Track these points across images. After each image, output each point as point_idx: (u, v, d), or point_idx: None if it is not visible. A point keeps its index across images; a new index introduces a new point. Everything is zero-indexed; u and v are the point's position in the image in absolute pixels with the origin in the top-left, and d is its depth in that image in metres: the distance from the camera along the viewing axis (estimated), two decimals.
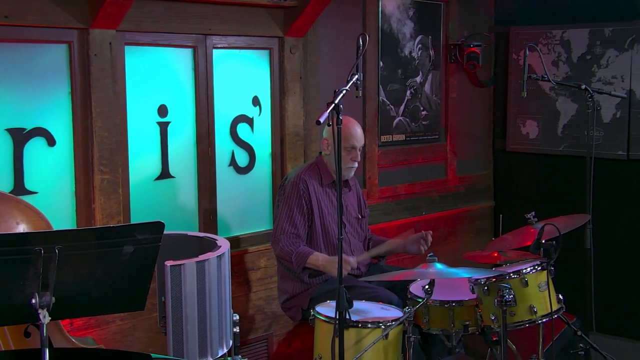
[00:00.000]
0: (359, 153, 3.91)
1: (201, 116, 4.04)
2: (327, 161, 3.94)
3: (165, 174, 3.94)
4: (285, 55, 4.35)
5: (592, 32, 5.16)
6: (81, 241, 2.22)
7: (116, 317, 3.67)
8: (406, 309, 3.25)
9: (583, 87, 4.06)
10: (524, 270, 3.34)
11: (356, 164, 3.92)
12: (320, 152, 4.03)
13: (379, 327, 3.15)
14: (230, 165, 4.25)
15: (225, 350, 3.25)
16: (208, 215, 4.11)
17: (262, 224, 4.40)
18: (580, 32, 5.22)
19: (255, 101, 4.33)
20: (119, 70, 3.66)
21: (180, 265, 3.02)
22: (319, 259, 3.71)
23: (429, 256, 3.28)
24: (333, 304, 3.04)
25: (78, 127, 3.55)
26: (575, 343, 3.72)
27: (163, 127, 3.91)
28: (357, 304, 3.28)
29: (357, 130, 3.91)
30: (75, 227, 3.50)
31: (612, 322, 4.89)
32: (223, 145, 4.19)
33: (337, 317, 2.95)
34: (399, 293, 3.69)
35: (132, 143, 3.77)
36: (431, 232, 3.92)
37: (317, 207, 3.85)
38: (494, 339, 3.45)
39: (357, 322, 3.15)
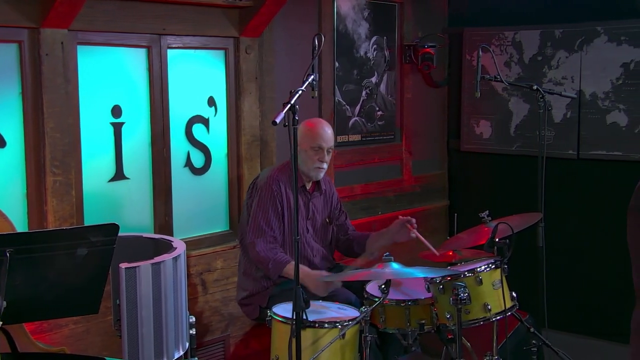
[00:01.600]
0: (326, 154, 3.86)
1: (156, 117, 4.01)
2: (299, 162, 3.91)
3: (119, 175, 3.89)
4: (241, 56, 4.34)
5: (543, 34, 5.26)
6: (33, 244, 2.19)
7: (69, 321, 3.62)
8: (363, 308, 3.26)
9: (535, 87, 4.12)
10: (479, 269, 3.39)
11: (324, 165, 3.88)
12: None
13: (336, 327, 3.16)
14: (185, 166, 4.22)
15: (181, 353, 3.23)
16: (163, 216, 4.07)
17: (219, 225, 4.38)
18: (532, 33, 5.31)
19: (211, 101, 4.31)
20: (71, 70, 3.60)
21: (135, 267, 2.99)
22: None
23: (385, 256, 3.30)
24: (290, 304, 3.04)
25: (29, 128, 3.48)
26: (528, 339, 3.78)
27: (117, 128, 3.87)
28: (314, 304, 3.28)
29: (327, 131, 3.88)
30: (27, 230, 3.44)
31: (563, 318, 4.98)
32: (178, 146, 4.16)
33: (294, 317, 2.95)
34: (357, 292, 3.70)
35: (85, 144, 3.71)
36: (414, 219, 3.90)
37: (287, 209, 3.81)
38: (449, 337, 3.49)
39: (314, 322, 3.16)
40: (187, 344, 3.29)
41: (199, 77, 4.24)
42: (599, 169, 5.07)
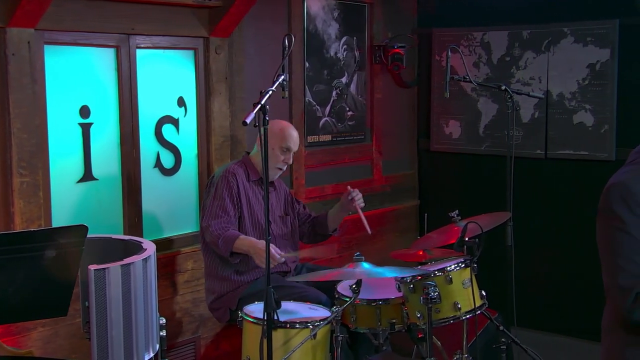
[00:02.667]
0: (291, 156, 3.95)
1: (125, 117, 3.98)
2: (256, 160, 3.94)
3: (88, 176, 3.85)
4: (211, 56, 4.32)
5: (511, 34, 5.31)
6: (0, 246, 2.16)
7: (38, 324, 3.58)
8: (334, 308, 3.27)
9: (503, 88, 4.16)
10: (448, 268, 3.41)
11: (285, 167, 3.97)
12: (247, 152, 4.03)
13: (307, 327, 3.16)
14: (155, 166, 4.19)
15: (151, 355, 3.20)
16: (133, 217, 4.04)
17: (189, 226, 4.36)
18: (500, 34, 5.36)
19: (181, 102, 4.29)
20: (38, 70, 3.56)
21: (104, 269, 2.96)
22: (244, 242, 3.68)
23: (356, 255, 3.31)
24: (261, 305, 3.03)
25: None
26: (498, 338, 3.81)
27: (85, 129, 3.83)
28: (285, 305, 3.28)
29: (295, 135, 3.99)
30: None
31: (532, 316, 5.03)
32: (148, 147, 4.13)
33: (265, 318, 2.95)
34: (327, 292, 3.71)
35: (52, 145, 3.67)
36: (358, 191, 3.99)
37: (245, 201, 3.87)
38: (420, 335, 3.50)
39: (285, 322, 3.16)
40: (158, 346, 3.26)
41: (168, 77, 4.21)
42: (566, 169, 5.13)
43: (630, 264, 2.14)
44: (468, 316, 3.43)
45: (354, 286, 3.28)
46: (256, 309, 3.30)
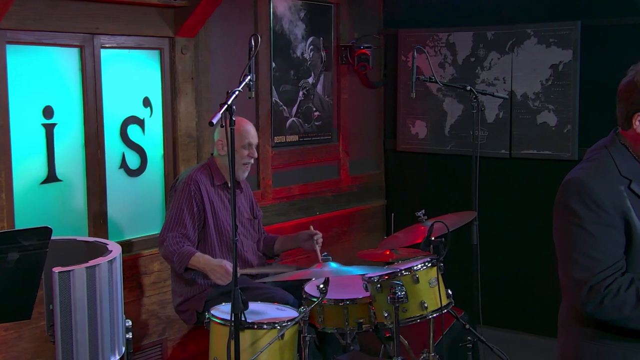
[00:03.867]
0: (254, 149, 3.94)
1: (89, 117, 3.94)
2: (221, 162, 3.92)
3: (52, 177, 3.81)
4: (177, 56, 4.30)
5: (476, 36, 5.36)
6: None
7: (0, 327, 3.52)
8: (301, 308, 3.27)
9: (468, 88, 4.20)
10: (415, 267, 3.43)
11: (252, 161, 3.94)
12: (212, 154, 4.01)
13: (275, 327, 3.16)
14: (120, 167, 4.16)
15: (117, 358, 3.17)
16: (98, 219, 4.00)
17: (155, 227, 4.32)
18: (465, 35, 5.41)
19: (146, 102, 4.25)
20: (0, 70, 3.50)
21: (69, 271, 2.93)
22: (200, 260, 3.67)
23: (323, 255, 3.32)
24: (228, 306, 3.02)
25: None
26: (464, 336, 3.85)
27: (49, 129, 3.78)
28: (253, 305, 3.28)
29: (252, 128, 3.97)
30: None
31: (497, 314, 5.08)
32: (113, 147, 4.10)
33: (233, 319, 2.94)
34: (294, 293, 3.71)
35: (15, 146, 3.62)
36: (321, 234, 4.00)
37: (209, 208, 3.83)
38: (387, 335, 3.52)
39: (253, 323, 3.15)
40: (124, 349, 3.24)
41: (133, 77, 4.18)
42: (530, 168, 5.19)
43: (585, 258, 2.19)
44: (435, 315, 3.45)
45: (321, 286, 3.29)
46: (223, 310, 3.29)
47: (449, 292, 3.55)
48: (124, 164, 4.17)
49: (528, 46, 5.14)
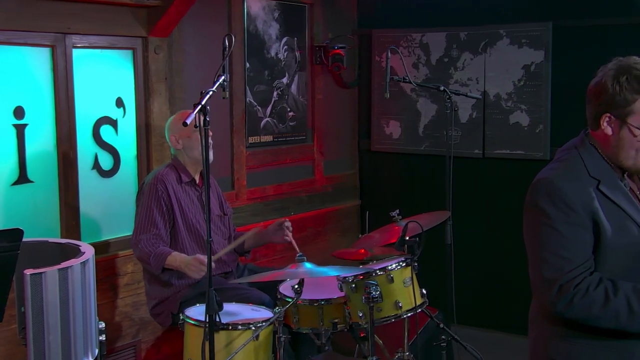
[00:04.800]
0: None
1: (61, 118, 3.90)
2: (182, 158, 3.89)
3: (23, 178, 3.76)
4: (150, 56, 4.27)
5: (449, 36, 5.39)
6: None
7: None
8: (276, 309, 3.27)
9: (442, 88, 4.22)
10: (390, 267, 3.44)
11: (211, 141, 3.86)
12: (172, 153, 3.98)
13: (250, 328, 3.16)
14: (93, 168, 4.12)
15: None
16: (70, 220, 3.97)
17: (128, 229, 4.28)
18: (438, 35, 5.44)
19: (119, 102, 4.22)
20: None
21: (41, 273, 2.90)
22: (176, 259, 3.66)
23: (298, 256, 3.32)
24: (203, 307, 3.01)
25: None
26: (438, 335, 3.87)
27: (20, 130, 3.74)
28: (228, 306, 3.27)
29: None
30: None
31: (471, 313, 5.12)
32: (85, 148, 4.06)
33: (207, 320, 2.93)
34: (270, 293, 3.71)
35: None
36: (289, 220, 3.97)
37: (177, 207, 3.80)
38: (362, 335, 3.53)
39: (227, 324, 3.14)
40: (97, 351, 3.21)
41: (106, 77, 4.15)
42: (502, 168, 5.24)
43: (555, 257, 2.21)
44: (409, 314, 3.47)
45: (296, 286, 3.28)
46: (198, 312, 3.28)
47: (424, 291, 3.57)
48: (96, 165, 4.14)
49: (500, 47, 5.18)
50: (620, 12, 4.74)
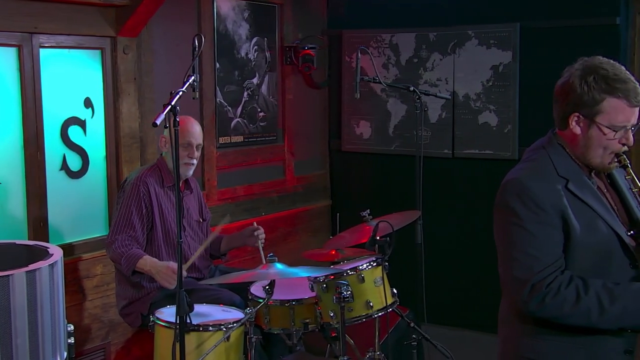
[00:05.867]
0: (195, 150, 3.86)
1: (28, 119, 3.85)
2: (167, 161, 3.88)
3: None
4: (118, 56, 4.24)
5: (418, 37, 5.42)
6: None
7: None
8: (247, 310, 3.26)
9: (411, 89, 4.24)
10: (361, 267, 3.45)
11: (194, 161, 3.88)
12: (161, 154, 3.96)
13: (220, 329, 3.15)
14: (61, 169, 4.08)
15: None
16: (38, 222, 3.92)
17: (97, 230, 4.26)
18: (407, 36, 5.46)
19: (88, 103, 4.19)
20: None
21: (8, 276, 2.86)
22: (147, 263, 3.64)
23: (269, 256, 3.32)
24: (173, 309, 3.00)
25: None
26: (409, 334, 3.89)
27: None
28: (198, 307, 3.25)
29: (195, 128, 3.89)
30: None
31: (441, 313, 5.15)
32: (53, 149, 4.02)
33: (177, 321, 2.92)
34: (241, 294, 3.70)
35: None
36: (262, 230, 3.98)
37: (157, 210, 3.79)
38: (333, 334, 3.54)
39: (198, 325, 3.13)
40: (65, 354, 3.18)
41: (74, 77, 4.11)
42: (472, 167, 5.28)
43: (526, 257, 2.23)
44: (380, 314, 3.48)
45: (267, 287, 3.28)
46: (168, 313, 3.26)
47: (394, 291, 3.58)
48: (64, 166, 4.09)
49: (469, 47, 5.22)
50: (587, 13, 4.81)
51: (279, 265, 3.26)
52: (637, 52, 4.82)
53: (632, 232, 2.31)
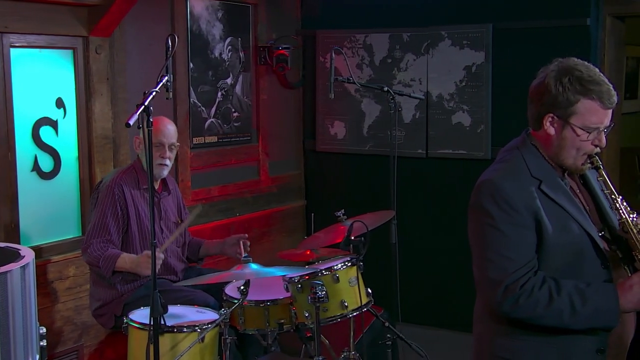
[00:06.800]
0: (168, 150, 3.83)
1: None
2: (143, 162, 3.85)
3: None
4: (91, 56, 4.20)
5: (392, 37, 5.44)
6: None
7: None
8: (222, 310, 3.26)
9: (385, 89, 4.26)
10: (335, 267, 3.46)
11: (167, 162, 3.85)
12: (138, 155, 3.93)
13: (195, 330, 3.13)
14: (33, 170, 4.04)
15: None
16: (9, 224, 3.88)
17: (70, 232, 4.22)
18: (381, 36, 5.48)
19: (60, 103, 4.15)
20: None
21: None
22: (126, 261, 3.62)
23: (244, 257, 3.31)
24: (147, 310, 2.98)
25: None
26: (384, 334, 3.90)
27: None
28: (173, 309, 3.24)
29: (168, 127, 3.86)
30: None
31: (416, 312, 5.17)
32: (24, 150, 3.98)
33: (152, 323, 2.90)
34: (216, 295, 3.69)
35: None
36: (247, 236, 3.99)
37: (133, 212, 3.76)
38: (308, 335, 3.54)
39: (173, 327, 3.11)
40: (38, 356, 3.15)
41: (45, 77, 4.07)
42: (445, 167, 5.31)
43: (500, 258, 2.25)
44: (355, 314, 3.49)
45: (242, 287, 3.27)
46: (142, 315, 3.24)
47: (369, 290, 3.59)
48: (36, 167, 4.05)
49: (442, 48, 5.25)
50: (558, 14, 4.86)
51: (254, 266, 3.26)
52: (607, 53, 4.89)
53: (602, 232, 2.34)
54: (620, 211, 2.31)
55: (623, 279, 2.30)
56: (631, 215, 2.31)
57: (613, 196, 2.34)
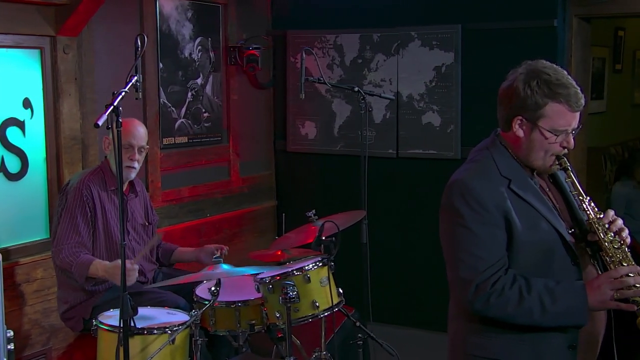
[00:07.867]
0: (137, 152, 3.78)
1: None
2: (111, 163, 3.81)
3: None
4: (58, 55, 4.16)
5: (362, 38, 5.46)
6: None
7: None
8: (192, 312, 3.24)
9: (356, 89, 4.26)
10: (306, 267, 3.46)
11: (135, 164, 3.80)
12: (105, 156, 3.89)
13: (165, 332, 3.12)
14: None
15: None
16: None
17: (38, 233, 4.17)
18: (352, 37, 5.50)
19: (27, 103, 4.09)
20: None
21: None
22: (99, 269, 3.57)
23: (215, 258, 3.30)
24: (116, 312, 2.95)
25: None
26: (355, 333, 3.91)
27: None
28: (143, 310, 3.22)
29: (138, 129, 3.81)
30: None
31: (387, 311, 5.19)
32: None
33: (121, 325, 2.88)
34: (186, 297, 3.67)
35: None
36: (227, 248, 3.98)
37: (100, 214, 3.72)
38: (279, 335, 3.54)
39: (143, 329, 3.10)
40: None
41: (12, 77, 4.02)
42: (416, 167, 5.33)
43: (470, 257, 2.27)
44: (326, 314, 3.49)
45: (213, 288, 3.26)
46: (111, 317, 3.21)
47: (340, 290, 3.60)
48: (3, 168, 4.00)
49: (412, 48, 5.28)
50: (525, 15, 4.91)
51: (225, 266, 3.25)
52: (574, 54, 4.95)
53: (572, 230, 2.37)
54: (588, 212, 2.34)
55: (592, 275, 2.33)
56: (598, 216, 2.34)
57: (581, 197, 2.37)
